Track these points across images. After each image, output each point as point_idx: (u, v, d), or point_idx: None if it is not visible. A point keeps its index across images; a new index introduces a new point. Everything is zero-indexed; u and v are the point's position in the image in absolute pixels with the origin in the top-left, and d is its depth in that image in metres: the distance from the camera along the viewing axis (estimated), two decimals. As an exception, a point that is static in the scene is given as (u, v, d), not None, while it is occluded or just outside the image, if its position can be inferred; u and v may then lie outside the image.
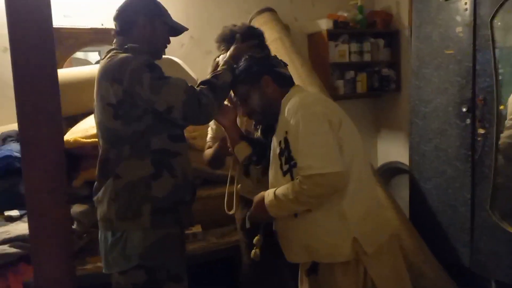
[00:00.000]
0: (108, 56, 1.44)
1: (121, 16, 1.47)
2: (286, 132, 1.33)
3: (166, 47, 1.56)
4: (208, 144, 1.83)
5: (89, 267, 1.81)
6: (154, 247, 1.39)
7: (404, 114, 3.14)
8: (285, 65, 1.50)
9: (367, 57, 3.20)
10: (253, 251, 1.48)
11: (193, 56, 2.90)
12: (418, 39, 2.55)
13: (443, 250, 2.40)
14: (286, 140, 1.33)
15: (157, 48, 1.52)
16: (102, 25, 2.58)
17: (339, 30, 3.12)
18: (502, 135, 2.17)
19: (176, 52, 2.76)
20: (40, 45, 1.06)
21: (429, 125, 2.51)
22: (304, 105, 1.32)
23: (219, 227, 2.19)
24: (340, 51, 3.14)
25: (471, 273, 2.29)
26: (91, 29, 2.51)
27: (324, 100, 1.42)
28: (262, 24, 2.93)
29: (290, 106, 1.34)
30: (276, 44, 2.67)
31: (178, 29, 1.57)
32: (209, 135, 1.86)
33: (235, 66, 1.48)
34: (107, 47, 2.88)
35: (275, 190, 1.34)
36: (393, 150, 3.31)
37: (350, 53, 3.16)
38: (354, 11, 3.22)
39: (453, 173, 2.36)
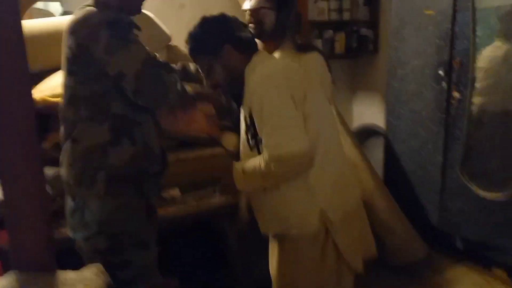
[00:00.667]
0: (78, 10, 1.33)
1: None
2: (250, 108, 1.28)
3: (142, 1, 1.41)
4: None
5: (64, 229, 1.76)
6: (112, 214, 1.34)
7: (381, 76, 3.14)
8: (245, 26, 1.40)
9: (346, 16, 3.13)
10: None
11: (166, 10, 2.74)
12: (399, -3, 2.50)
13: (413, 209, 2.50)
14: (250, 116, 1.29)
15: (131, 3, 1.38)
16: (66, -28, 2.37)
17: (319, -14, 3.02)
18: (473, 100, 2.22)
19: (146, 5, 2.59)
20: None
21: (405, 88, 2.52)
22: (265, 80, 1.26)
23: (197, 190, 2.17)
24: (319, 8, 3.05)
25: (439, 231, 2.41)
26: (53, -23, 2.29)
27: (287, 70, 1.32)
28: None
29: (251, 81, 1.28)
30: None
31: None
32: None
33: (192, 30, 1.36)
34: (71, -2, 2.65)
35: (243, 165, 1.32)
36: (369, 112, 3.34)
37: (329, 10, 3.07)
38: (334, -34, 3.11)
39: (426, 135, 2.42)
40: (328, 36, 3.15)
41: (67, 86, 1.33)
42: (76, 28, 1.26)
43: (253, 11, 1.53)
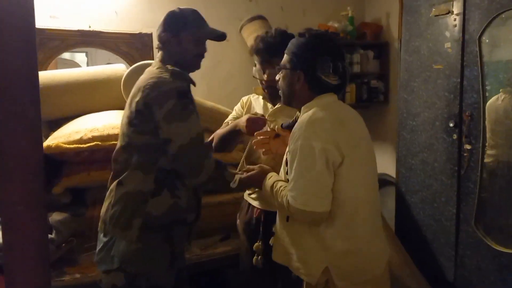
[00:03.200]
0: (156, 68, 1.46)
1: (157, 34, 1.51)
2: (288, 151, 1.32)
3: (199, 57, 1.52)
4: (225, 123, 1.79)
5: (67, 278, 1.74)
6: (135, 255, 1.40)
7: (392, 126, 3.16)
8: (332, 72, 1.33)
9: (356, 68, 3.21)
10: (254, 257, 1.52)
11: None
12: (407, 52, 2.56)
13: (427, 264, 2.40)
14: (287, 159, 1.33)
15: (187, 61, 1.49)
16: (90, 27, 2.53)
17: (329, 40, 3.13)
18: (486, 152, 2.19)
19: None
20: (21, 48, 1.01)
21: (416, 139, 2.52)
22: (305, 135, 1.26)
23: (202, 238, 2.15)
24: (330, 62, 3.14)
25: (455, 288, 2.30)
26: (77, 31, 2.45)
27: (335, 129, 1.28)
28: (253, 31, 2.92)
29: (299, 122, 1.30)
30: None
31: (204, 37, 1.53)
32: (231, 116, 1.83)
33: None
34: (94, 49, 2.81)
35: (275, 182, 1.37)
36: (380, 161, 3.29)
37: (339, 63, 3.16)
38: (344, 22, 3.24)
39: (439, 187, 2.37)
40: (338, 87, 3.21)
41: (125, 134, 1.44)
42: (147, 88, 1.37)
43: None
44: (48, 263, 1.18)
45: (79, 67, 2.94)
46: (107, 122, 1.98)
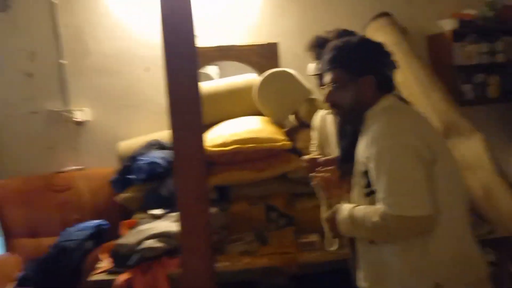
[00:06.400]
0: None
1: None
2: (367, 158, 1.17)
3: None
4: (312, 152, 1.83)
5: (218, 265, 1.95)
6: None
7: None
8: (395, 66, 1.27)
9: (500, 58, 2.88)
10: None
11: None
12: None
13: None
14: (366, 165, 1.19)
15: None
16: (225, 42, 2.81)
17: (466, 29, 2.88)
18: None
19: (290, 64, 2.85)
20: (187, 69, 1.21)
21: None
22: (393, 134, 1.15)
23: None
24: (467, 52, 2.89)
25: None
26: (216, 47, 2.75)
27: (419, 126, 1.20)
28: (378, 29, 2.86)
29: (376, 128, 1.17)
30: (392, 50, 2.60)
31: None
32: (313, 143, 1.86)
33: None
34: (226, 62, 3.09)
35: (353, 208, 1.21)
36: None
37: (479, 54, 2.88)
38: (482, 7, 2.94)
39: None
40: (479, 80, 2.92)
41: None
42: None
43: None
44: (212, 248, 1.38)
45: (213, 79, 3.28)
46: (246, 127, 2.21)
